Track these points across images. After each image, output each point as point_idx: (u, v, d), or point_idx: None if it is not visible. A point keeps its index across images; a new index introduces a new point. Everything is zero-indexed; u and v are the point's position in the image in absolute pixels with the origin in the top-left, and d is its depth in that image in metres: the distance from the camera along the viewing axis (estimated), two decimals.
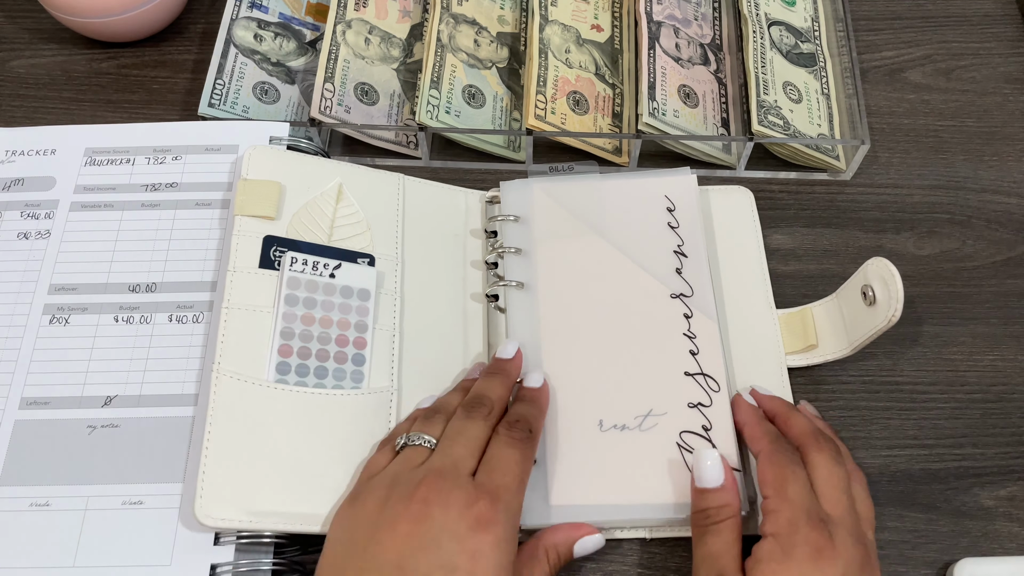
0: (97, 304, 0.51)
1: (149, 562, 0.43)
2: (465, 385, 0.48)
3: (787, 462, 0.43)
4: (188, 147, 0.55)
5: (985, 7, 0.68)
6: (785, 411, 0.47)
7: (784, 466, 0.42)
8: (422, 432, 0.44)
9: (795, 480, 0.42)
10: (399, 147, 0.59)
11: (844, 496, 0.42)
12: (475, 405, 0.45)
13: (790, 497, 0.41)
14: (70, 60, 0.63)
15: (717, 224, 0.55)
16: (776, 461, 0.43)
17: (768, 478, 0.42)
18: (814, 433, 0.45)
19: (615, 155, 0.59)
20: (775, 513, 0.41)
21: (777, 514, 0.41)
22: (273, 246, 0.50)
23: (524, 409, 0.46)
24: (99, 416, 0.47)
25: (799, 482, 0.42)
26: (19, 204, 0.54)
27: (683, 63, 0.60)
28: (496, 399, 0.45)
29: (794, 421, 0.46)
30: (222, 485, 0.43)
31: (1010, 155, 0.61)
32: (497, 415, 0.45)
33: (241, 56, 0.60)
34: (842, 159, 0.59)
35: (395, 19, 0.62)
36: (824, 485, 0.42)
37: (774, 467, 0.43)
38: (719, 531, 0.42)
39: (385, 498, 0.41)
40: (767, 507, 0.42)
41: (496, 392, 0.46)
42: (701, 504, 0.43)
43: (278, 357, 0.47)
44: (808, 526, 0.40)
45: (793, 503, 0.41)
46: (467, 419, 0.44)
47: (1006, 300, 0.55)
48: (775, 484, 0.42)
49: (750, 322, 0.52)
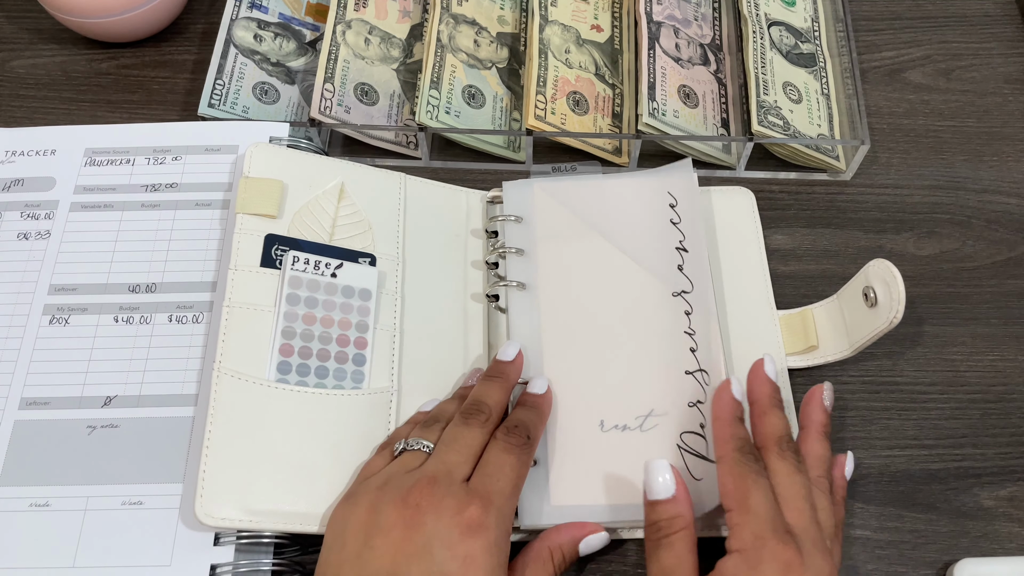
0: (97, 304, 0.51)
1: (149, 562, 0.43)
2: (462, 393, 0.48)
3: (748, 472, 0.41)
4: (188, 147, 0.55)
5: (985, 7, 0.68)
6: (766, 403, 0.45)
7: (745, 476, 0.41)
8: (420, 437, 0.44)
9: (757, 490, 0.40)
10: (399, 147, 0.59)
11: (806, 505, 0.41)
12: (472, 412, 0.45)
13: (753, 509, 0.40)
14: (70, 60, 0.63)
15: (718, 225, 0.55)
16: (736, 471, 0.41)
17: (729, 489, 0.41)
18: (779, 439, 0.43)
19: (615, 155, 0.59)
20: (739, 527, 0.39)
21: (741, 528, 0.39)
22: (275, 244, 0.50)
23: (524, 415, 0.45)
24: (99, 416, 0.47)
25: (761, 492, 0.40)
26: (19, 204, 0.54)
27: (683, 63, 0.60)
28: (494, 404, 0.45)
29: (767, 419, 0.44)
30: (222, 485, 0.43)
31: (1010, 155, 0.61)
32: (495, 421, 0.45)
33: (241, 56, 0.59)
34: (842, 159, 0.59)
35: (395, 19, 0.62)
36: (785, 493, 0.41)
37: (734, 477, 0.41)
38: (671, 544, 0.40)
39: (376, 501, 0.41)
40: (730, 520, 0.40)
41: (494, 397, 0.46)
42: (652, 516, 0.42)
43: (279, 356, 0.47)
44: (775, 539, 0.38)
45: (757, 515, 0.39)
46: (463, 425, 0.44)
47: (1006, 300, 0.55)
48: (736, 496, 0.40)
49: (751, 323, 0.52)
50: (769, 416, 0.44)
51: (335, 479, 0.45)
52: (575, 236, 0.53)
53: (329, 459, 0.45)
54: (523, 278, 0.52)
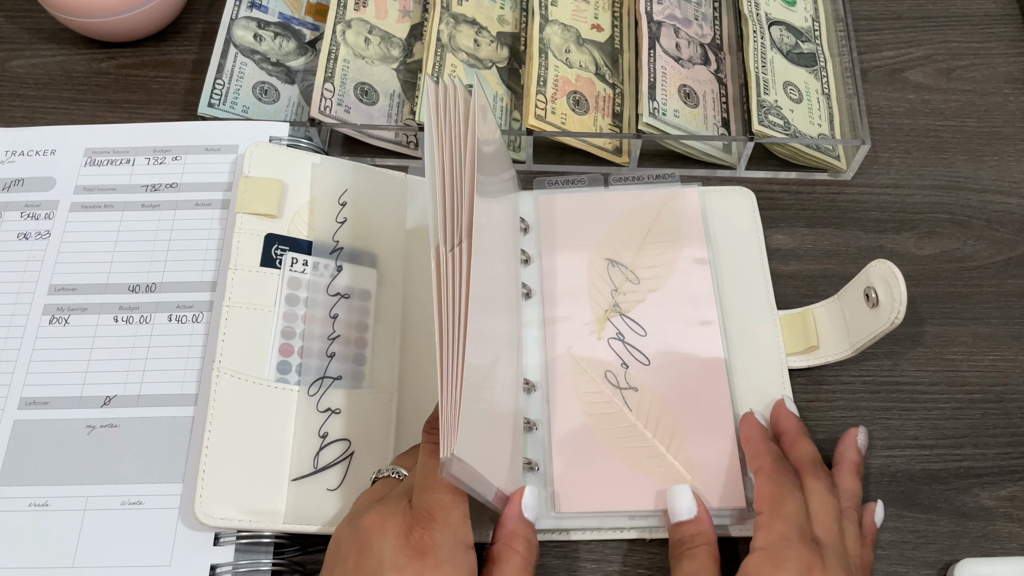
0: (97, 304, 0.50)
1: (149, 562, 0.43)
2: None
3: (787, 482, 0.43)
4: (188, 147, 0.55)
5: (986, 7, 0.68)
6: (795, 432, 0.47)
7: (783, 485, 0.42)
8: (397, 466, 0.43)
9: (792, 500, 0.42)
10: (399, 147, 0.58)
11: (835, 524, 0.42)
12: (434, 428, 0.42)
13: (785, 514, 0.41)
14: (70, 60, 0.63)
15: (718, 225, 0.55)
16: (776, 480, 0.43)
17: (765, 494, 0.43)
18: (814, 461, 0.45)
19: (615, 155, 0.59)
20: (767, 528, 0.41)
21: (769, 529, 0.41)
22: (274, 244, 0.50)
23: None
24: (98, 416, 0.47)
25: (795, 502, 0.42)
26: (19, 204, 0.54)
27: (683, 63, 0.60)
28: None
29: (800, 444, 0.46)
30: (222, 484, 0.43)
31: (1011, 155, 0.61)
32: None
33: (241, 56, 0.59)
34: (842, 159, 0.59)
35: (395, 19, 0.62)
36: (817, 510, 0.42)
37: (772, 485, 0.43)
38: (694, 555, 0.42)
39: (338, 531, 0.41)
40: (760, 523, 0.42)
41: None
42: (676, 535, 0.44)
43: (279, 356, 0.47)
44: (800, 543, 0.40)
45: (788, 519, 0.41)
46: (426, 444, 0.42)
47: (1007, 300, 0.55)
48: (771, 500, 0.42)
49: (751, 323, 0.52)
50: (801, 442, 0.46)
51: (335, 479, 0.45)
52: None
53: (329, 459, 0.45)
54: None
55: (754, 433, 0.46)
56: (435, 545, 0.38)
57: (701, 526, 0.44)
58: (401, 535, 0.38)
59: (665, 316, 0.50)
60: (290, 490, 0.44)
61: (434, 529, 0.38)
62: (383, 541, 0.38)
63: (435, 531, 0.38)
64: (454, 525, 0.39)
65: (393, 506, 0.39)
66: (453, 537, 0.39)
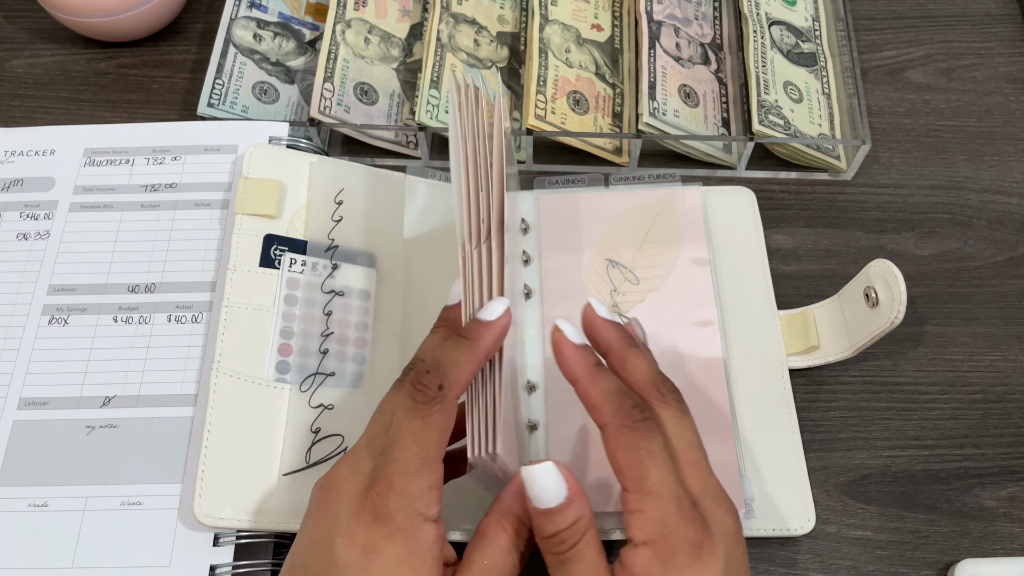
0: (96, 304, 0.50)
1: (148, 563, 0.43)
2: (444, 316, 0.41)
3: (639, 441, 0.35)
4: (187, 147, 0.55)
5: (986, 7, 0.67)
6: (621, 347, 0.39)
7: (637, 448, 0.35)
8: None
9: (653, 461, 0.35)
10: (399, 147, 0.58)
11: (699, 454, 0.36)
12: (406, 371, 0.38)
13: (653, 489, 0.34)
14: (69, 60, 0.63)
15: (718, 225, 0.55)
16: (626, 443, 0.35)
17: (621, 464, 0.35)
18: (653, 380, 0.38)
19: (615, 155, 0.59)
20: (641, 515, 0.35)
21: (644, 515, 0.35)
22: (273, 245, 0.50)
23: (446, 352, 0.37)
24: (98, 416, 0.47)
25: (659, 465, 0.35)
26: (18, 205, 0.54)
27: (683, 63, 0.60)
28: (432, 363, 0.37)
29: (631, 362, 0.38)
30: (221, 484, 0.43)
31: (1011, 155, 0.60)
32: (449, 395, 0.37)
33: (240, 56, 0.59)
34: (843, 159, 0.59)
35: (395, 19, 0.62)
36: (677, 445, 0.36)
37: (625, 451, 0.35)
38: (580, 555, 0.35)
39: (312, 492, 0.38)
40: (629, 505, 0.35)
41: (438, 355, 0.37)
42: (549, 529, 0.35)
43: (278, 356, 0.47)
44: (680, 520, 0.34)
45: (659, 496, 0.34)
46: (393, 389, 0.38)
47: (1007, 300, 0.55)
48: (631, 475, 0.35)
49: (751, 323, 0.52)
50: (631, 360, 0.39)
51: None
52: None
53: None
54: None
55: (576, 368, 0.38)
56: (388, 513, 0.34)
57: (577, 508, 0.35)
58: (356, 500, 0.35)
59: (664, 316, 0.50)
60: (283, 485, 0.44)
61: (389, 496, 0.34)
62: (339, 503, 0.35)
63: (390, 498, 0.34)
64: (413, 495, 0.35)
65: (354, 465, 0.36)
66: (410, 507, 0.35)
